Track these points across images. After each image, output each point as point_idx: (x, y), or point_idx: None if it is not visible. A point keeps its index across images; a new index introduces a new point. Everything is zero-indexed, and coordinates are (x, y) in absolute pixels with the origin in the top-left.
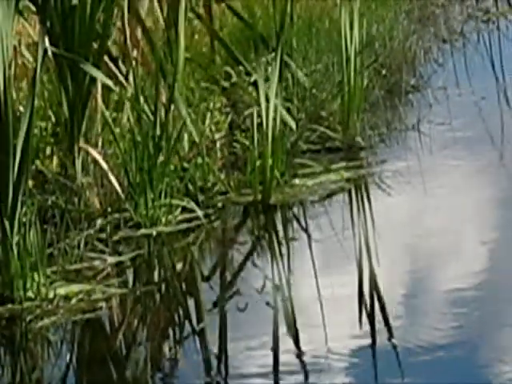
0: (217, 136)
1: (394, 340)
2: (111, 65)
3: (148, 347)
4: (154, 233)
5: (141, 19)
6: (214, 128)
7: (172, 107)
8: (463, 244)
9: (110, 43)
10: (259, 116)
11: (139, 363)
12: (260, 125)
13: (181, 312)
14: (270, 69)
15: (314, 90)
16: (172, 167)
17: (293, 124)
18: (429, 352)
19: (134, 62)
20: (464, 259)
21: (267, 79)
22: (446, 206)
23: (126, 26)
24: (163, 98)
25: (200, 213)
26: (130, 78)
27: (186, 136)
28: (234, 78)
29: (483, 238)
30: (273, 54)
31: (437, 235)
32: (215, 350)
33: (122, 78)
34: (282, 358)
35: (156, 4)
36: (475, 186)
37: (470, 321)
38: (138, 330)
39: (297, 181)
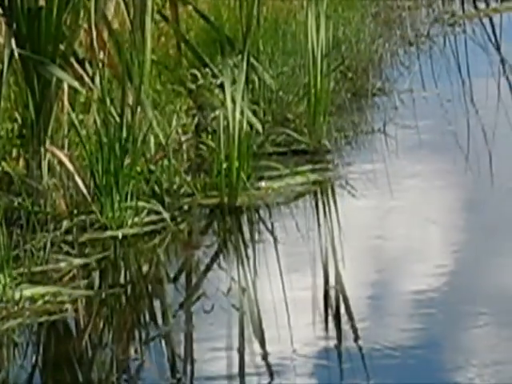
0: (183, 138)
1: (359, 341)
2: (78, 67)
3: (114, 349)
4: (120, 235)
5: (107, 21)
6: (180, 130)
7: (138, 109)
8: (428, 246)
9: (76, 45)
10: (225, 118)
11: (105, 365)
12: (226, 127)
13: (147, 314)
14: (236, 71)
15: (280, 93)
16: (138, 169)
17: (259, 126)
18: (394, 354)
19: (100, 64)
20: (429, 261)
21: (234, 81)
22: (411, 208)
23: (93, 27)
24: (130, 100)
25: (166, 215)
26: (97, 80)
27: (152, 138)
28: (201, 81)
29: (448, 239)
30: (239, 57)
31: (402, 237)
32: (181, 351)
33: (88, 80)
34: (248, 359)
35: (123, 6)
36: (440, 189)
37: (435, 322)
38: (104, 332)
39: (263, 183)
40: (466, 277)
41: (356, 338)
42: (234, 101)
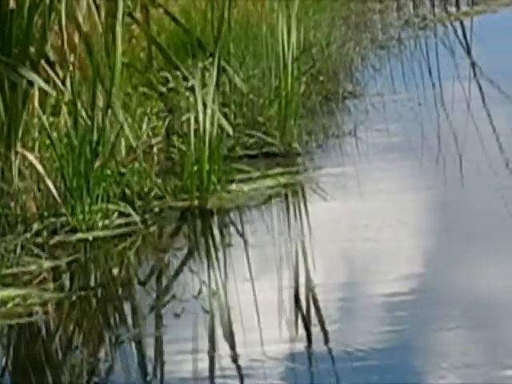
0: (154, 141)
1: (329, 344)
2: (48, 69)
3: (84, 352)
4: (91, 237)
5: (78, 24)
6: (151, 133)
7: (109, 112)
8: (399, 248)
9: (47, 47)
10: (196, 121)
11: (75, 368)
12: (197, 130)
13: (117, 317)
14: (207, 74)
15: (251, 96)
16: (109, 172)
17: (230, 129)
18: (365, 356)
19: (71, 67)
20: (400, 263)
21: (204, 84)
22: (381, 210)
23: (64, 30)
24: (100, 103)
25: (137, 218)
26: (68, 82)
27: (122, 141)
28: (172, 83)
29: (419, 242)
30: (210, 59)
31: (372, 240)
32: (151, 354)
33: (59, 83)
34: (218, 362)
35: (94, 9)
36: (411, 191)
37: (406, 325)
38: (74, 335)
39: (233, 186)
40: (436, 279)
41: (326, 341)
42: (204, 104)
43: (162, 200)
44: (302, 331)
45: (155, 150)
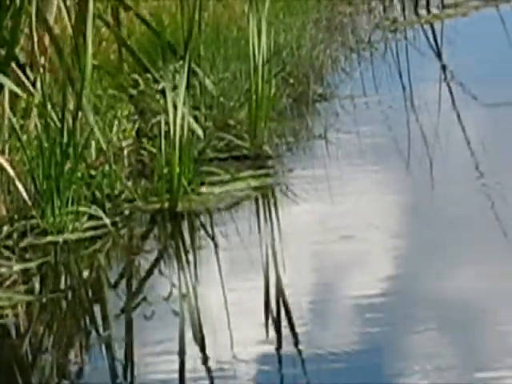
0: (124, 144)
1: (300, 346)
2: (19, 71)
3: (54, 354)
4: (61, 240)
5: (49, 26)
6: (121, 136)
7: (79, 114)
8: (370, 251)
9: (17, 50)
10: (167, 124)
11: (45, 370)
12: (167, 133)
13: (87, 319)
14: (177, 77)
15: (221, 99)
16: (79, 174)
17: (200, 132)
18: (335, 359)
19: (41, 69)
20: (371, 266)
21: (175, 87)
22: (352, 213)
23: (34, 32)
24: (71, 106)
25: (107, 220)
26: (38, 84)
27: (93, 143)
28: (142, 86)
29: (390, 244)
30: (181, 62)
31: (343, 242)
32: (121, 357)
33: (29, 85)
34: (188, 364)
35: (64, 11)
36: (381, 194)
37: (377, 328)
38: (44, 337)
39: (204, 189)
40: (409, 282)
41: (296, 343)
42: (175, 106)
43: (132, 203)
44: (272, 333)
45: (125, 152)
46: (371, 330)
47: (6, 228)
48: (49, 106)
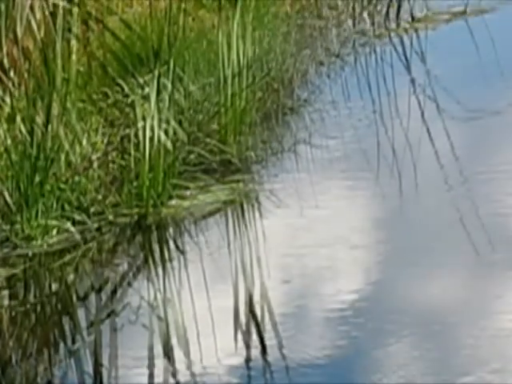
0: (94, 156)
1: (269, 358)
2: None
3: (22, 368)
4: (30, 253)
5: (17, 39)
6: (90, 148)
7: (49, 127)
8: (340, 263)
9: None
10: (136, 136)
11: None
12: (137, 145)
13: (56, 332)
14: (147, 89)
15: (191, 111)
16: (48, 187)
17: (170, 145)
18: (306, 372)
19: (10, 83)
20: (341, 278)
21: (145, 98)
22: (321, 225)
23: (3, 45)
24: (40, 119)
25: (76, 233)
26: (7, 98)
27: (62, 156)
28: (112, 98)
29: (359, 256)
30: (150, 75)
31: (312, 254)
32: (90, 370)
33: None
34: (158, 377)
35: (33, 24)
36: (352, 206)
37: (349, 340)
38: (13, 351)
39: (173, 202)
40: (380, 294)
41: (265, 356)
42: (144, 119)
43: (101, 215)
44: (241, 346)
45: (95, 165)
46: (344, 342)
47: None
48: (18, 119)
